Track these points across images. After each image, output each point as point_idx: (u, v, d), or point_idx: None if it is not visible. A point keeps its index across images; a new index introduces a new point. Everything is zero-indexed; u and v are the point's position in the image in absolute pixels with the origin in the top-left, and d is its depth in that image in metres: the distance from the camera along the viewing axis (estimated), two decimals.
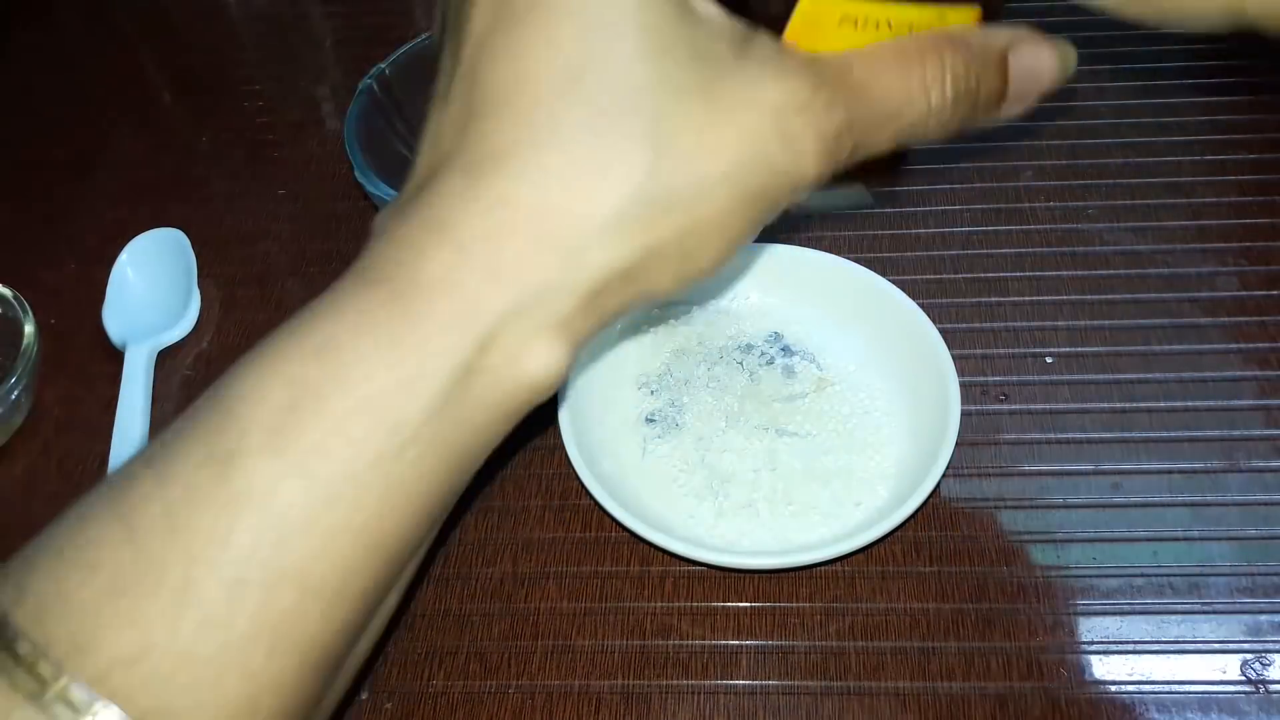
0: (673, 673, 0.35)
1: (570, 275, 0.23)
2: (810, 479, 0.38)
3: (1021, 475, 0.39)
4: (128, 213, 0.51)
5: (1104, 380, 0.41)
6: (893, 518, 0.34)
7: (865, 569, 0.37)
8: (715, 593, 0.37)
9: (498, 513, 0.40)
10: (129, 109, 0.59)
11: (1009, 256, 0.46)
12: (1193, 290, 0.44)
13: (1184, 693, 0.33)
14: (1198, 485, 0.38)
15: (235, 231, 0.51)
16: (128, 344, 0.45)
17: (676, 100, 0.23)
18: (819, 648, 0.35)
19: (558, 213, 0.23)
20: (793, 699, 0.34)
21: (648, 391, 0.41)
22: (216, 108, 0.58)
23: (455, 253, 0.23)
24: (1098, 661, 0.34)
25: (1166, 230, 0.46)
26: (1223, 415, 0.40)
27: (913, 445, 0.38)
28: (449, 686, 0.35)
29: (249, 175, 0.54)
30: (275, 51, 0.62)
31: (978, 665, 0.34)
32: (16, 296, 0.44)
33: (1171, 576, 0.36)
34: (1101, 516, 0.37)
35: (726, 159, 0.23)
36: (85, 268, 0.49)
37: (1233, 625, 0.34)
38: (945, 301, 0.44)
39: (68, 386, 0.45)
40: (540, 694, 0.35)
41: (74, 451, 0.43)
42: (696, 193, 0.23)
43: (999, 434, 0.40)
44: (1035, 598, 0.36)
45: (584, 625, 0.36)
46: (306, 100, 0.58)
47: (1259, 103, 0.51)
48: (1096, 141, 0.50)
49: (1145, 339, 0.42)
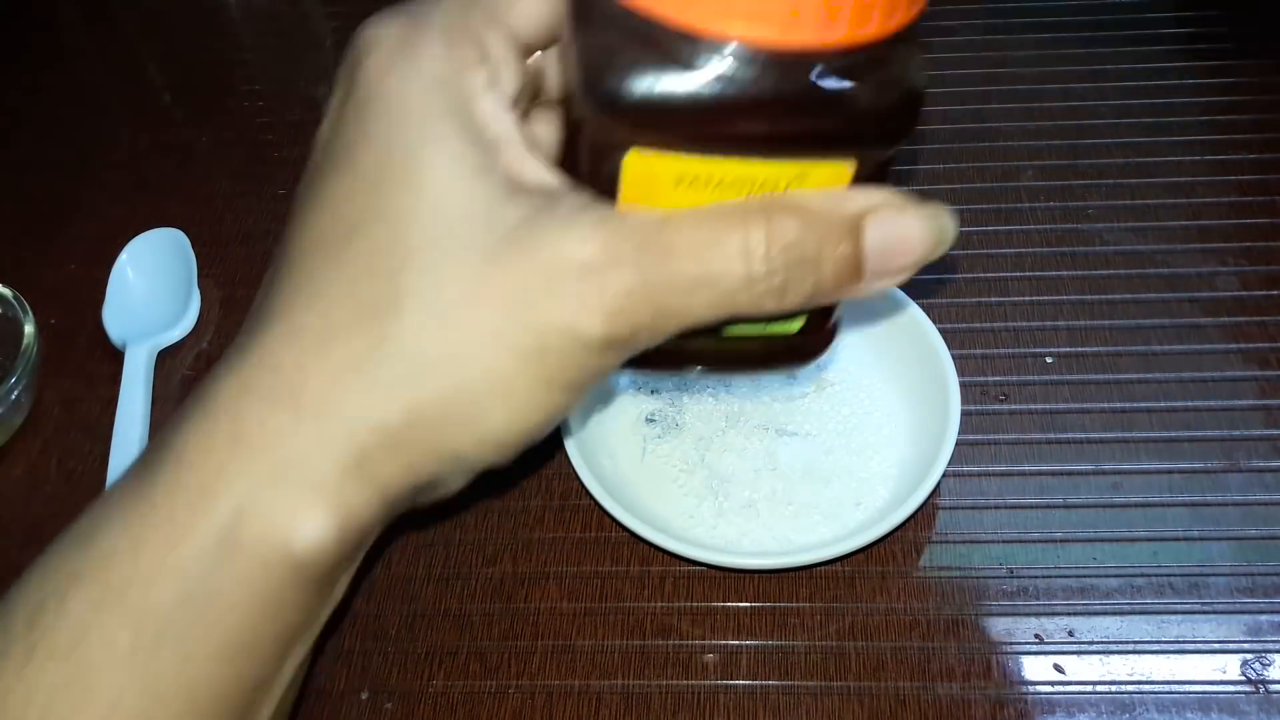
0: (673, 673, 0.35)
1: (325, 442, 0.22)
2: (810, 479, 0.38)
3: (1021, 475, 0.39)
4: (128, 213, 0.51)
5: (1104, 380, 0.41)
6: (893, 518, 0.34)
7: (865, 569, 0.37)
8: (715, 593, 0.37)
9: (498, 513, 0.40)
10: (129, 109, 0.59)
11: (1009, 256, 0.46)
12: (1193, 290, 0.44)
13: (1184, 693, 0.33)
14: (1198, 485, 0.38)
15: (235, 231, 0.51)
16: (128, 344, 0.45)
17: (451, 259, 0.22)
18: (819, 648, 0.35)
19: (309, 376, 0.22)
20: (793, 699, 0.34)
21: (648, 391, 0.41)
22: (216, 108, 0.58)
23: (205, 421, 0.22)
24: (1098, 661, 0.34)
25: (1166, 230, 0.46)
26: (1223, 415, 0.40)
27: (913, 445, 0.38)
28: (449, 686, 0.35)
29: (249, 175, 0.54)
30: (275, 51, 0.62)
31: (978, 665, 0.34)
32: (16, 296, 0.44)
33: (1171, 576, 0.36)
34: (1101, 516, 0.37)
35: (493, 318, 0.22)
36: (85, 268, 0.49)
37: (1233, 625, 0.34)
38: (945, 301, 0.44)
39: (68, 386, 0.45)
40: (540, 694, 0.35)
41: (74, 451, 0.43)
42: (460, 352, 0.22)
43: (999, 434, 0.40)
44: (1035, 598, 0.36)
45: (584, 625, 0.36)
46: (306, 100, 0.58)
47: (1259, 103, 0.51)
48: (1096, 141, 0.50)
49: (1145, 339, 0.42)
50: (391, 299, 0.22)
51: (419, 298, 0.22)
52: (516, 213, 0.22)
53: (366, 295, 0.22)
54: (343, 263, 0.22)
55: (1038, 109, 0.52)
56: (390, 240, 0.22)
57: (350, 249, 0.22)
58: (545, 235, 0.22)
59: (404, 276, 0.22)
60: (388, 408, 0.22)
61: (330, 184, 0.23)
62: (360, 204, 0.22)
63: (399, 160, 0.22)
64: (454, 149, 0.22)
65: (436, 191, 0.22)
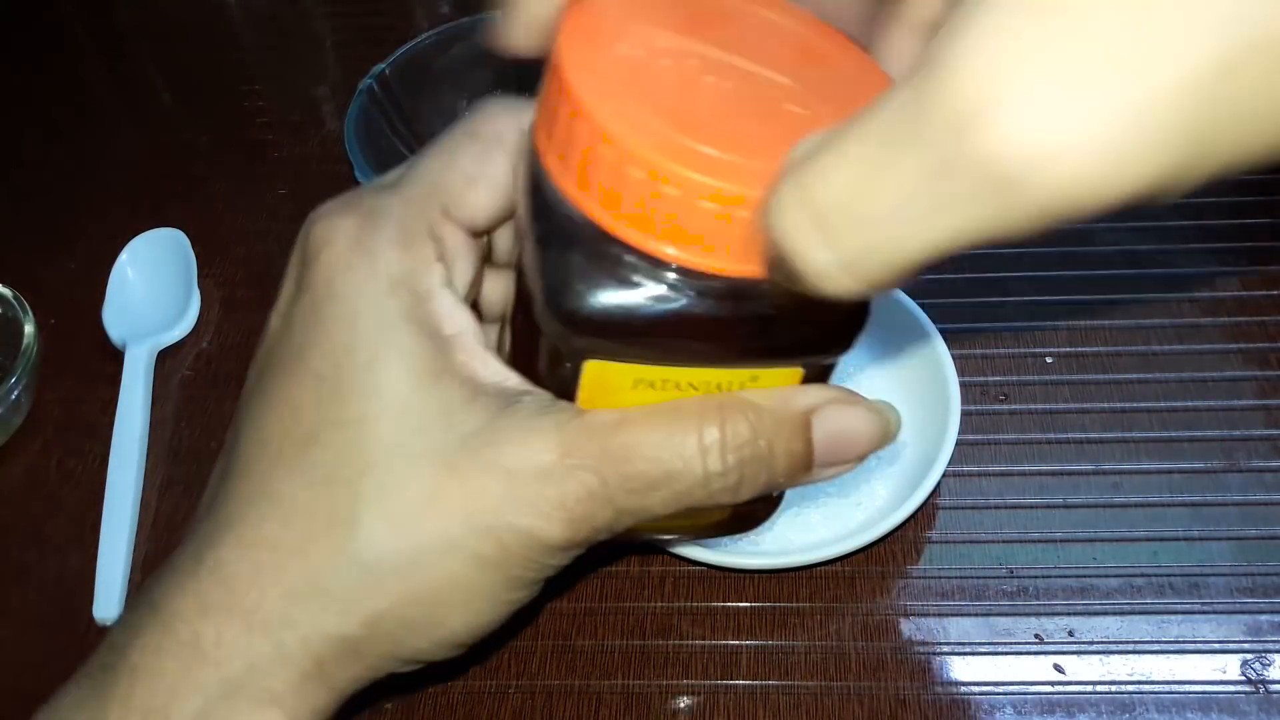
0: (673, 673, 0.35)
1: (281, 655, 0.22)
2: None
3: (1021, 475, 0.39)
4: (128, 213, 0.51)
5: (1104, 380, 0.41)
6: (893, 518, 0.34)
7: (865, 569, 0.37)
8: (715, 593, 0.37)
9: None
10: (129, 109, 0.59)
11: (1009, 256, 0.46)
12: (1193, 290, 0.44)
13: (1184, 693, 0.33)
14: (1198, 485, 0.38)
15: (235, 231, 0.51)
16: (128, 344, 0.45)
17: (407, 467, 0.22)
18: (819, 648, 0.35)
19: (265, 590, 0.22)
20: (793, 699, 0.34)
21: None
22: (216, 108, 0.58)
23: (158, 633, 0.22)
24: (1098, 661, 0.34)
25: (1166, 230, 0.46)
26: (1223, 415, 0.40)
27: (913, 445, 0.38)
28: (449, 686, 0.35)
29: (249, 175, 0.54)
30: (275, 51, 0.62)
31: (978, 665, 0.34)
32: (16, 296, 0.44)
33: (1171, 576, 0.36)
34: (1101, 516, 0.37)
35: (453, 526, 0.22)
36: (85, 268, 0.49)
37: (1233, 625, 0.34)
38: (945, 301, 0.44)
39: (68, 386, 0.45)
40: (540, 694, 0.35)
41: (74, 451, 0.43)
42: (419, 562, 0.22)
43: (999, 434, 0.40)
44: (1035, 598, 0.36)
45: (584, 625, 0.36)
46: (306, 100, 0.58)
47: None
48: None
49: (1145, 339, 0.42)
50: (349, 509, 0.22)
51: (377, 508, 0.22)
52: (474, 418, 0.22)
53: (323, 506, 0.22)
54: (299, 471, 0.22)
55: None
56: (347, 449, 0.22)
57: (306, 457, 0.22)
58: (503, 442, 0.22)
59: (362, 486, 0.22)
60: (346, 620, 0.22)
61: (285, 385, 0.23)
62: (317, 411, 0.22)
63: (356, 366, 0.22)
64: (411, 354, 0.22)
65: (394, 399, 0.22)
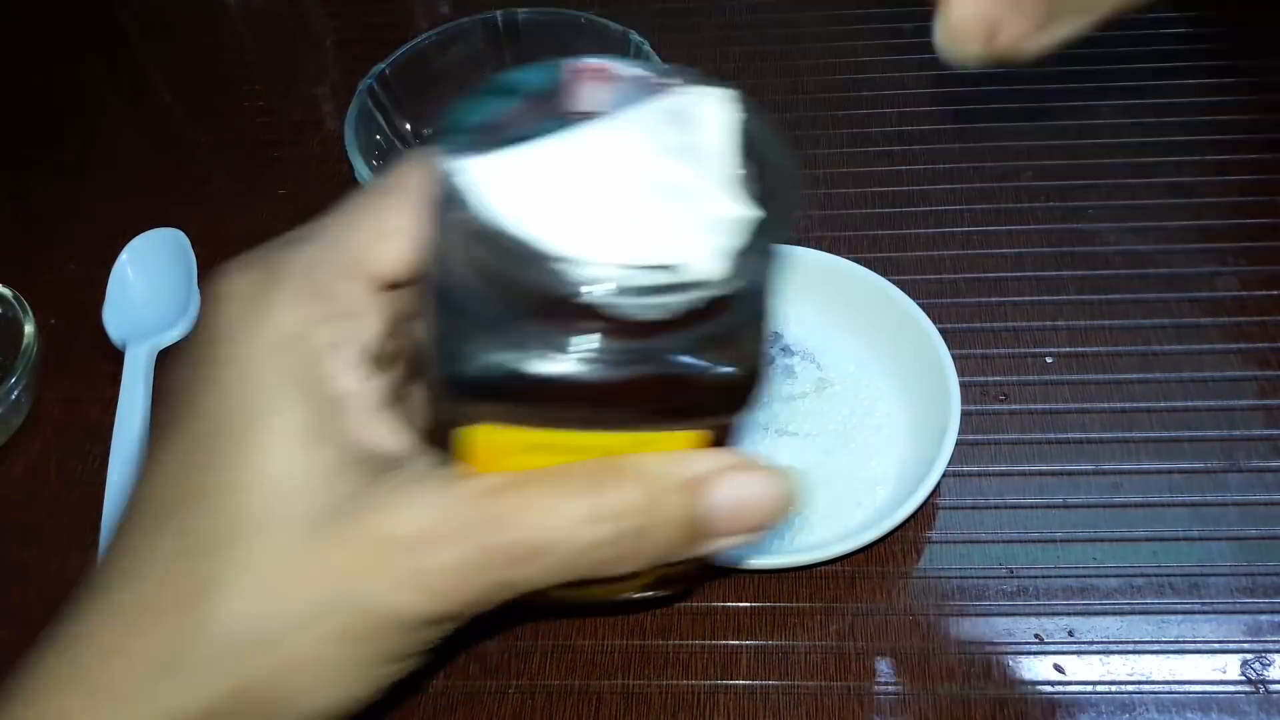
0: (673, 673, 0.35)
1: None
2: (810, 479, 0.38)
3: (1021, 475, 0.39)
4: (128, 213, 0.51)
5: (1104, 380, 0.41)
6: (893, 518, 0.34)
7: (865, 569, 0.37)
8: (715, 593, 0.37)
9: None
10: (129, 109, 0.59)
11: (1009, 256, 0.46)
12: (1193, 290, 0.44)
13: (1184, 693, 0.33)
14: (1198, 485, 0.38)
15: (235, 231, 0.51)
16: (128, 344, 0.45)
17: (272, 536, 0.21)
18: (819, 648, 0.35)
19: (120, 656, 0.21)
20: (793, 699, 0.34)
21: None
22: (216, 108, 0.58)
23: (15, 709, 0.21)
24: (1098, 661, 0.34)
25: (1166, 230, 0.46)
26: (1223, 415, 0.40)
27: (913, 445, 0.38)
28: (449, 687, 0.35)
29: (249, 175, 0.54)
30: (275, 51, 0.62)
31: (977, 665, 0.34)
32: (16, 296, 0.44)
33: (1171, 576, 0.36)
34: (1101, 516, 0.37)
35: (316, 597, 0.21)
36: (85, 268, 0.49)
37: (1233, 625, 0.34)
38: (945, 301, 0.44)
39: (68, 386, 0.45)
40: (540, 694, 0.35)
41: (74, 451, 0.43)
42: (281, 633, 0.21)
43: (999, 434, 0.40)
44: (1035, 598, 0.36)
45: (584, 625, 0.36)
46: (306, 100, 0.58)
47: (1259, 103, 0.51)
48: (1096, 141, 0.50)
49: (1145, 339, 0.42)
50: (213, 577, 0.21)
51: (241, 576, 0.21)
52: (348, 484, 0.21)
53: (186, 574, 0.21)
54: (169, 536, 0.22)
55: (1038, 108, 0.52)
56: (214, 517, 0.21)
57: (177, 523, 0.22)
58: (375, 509, 0.21)
59: (226, 556, 0.21)
60: (209, 691, 0.21)
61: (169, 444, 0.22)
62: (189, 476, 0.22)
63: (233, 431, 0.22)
64: (293, 415, 0.21)
65: (269, 463, 0.21)
